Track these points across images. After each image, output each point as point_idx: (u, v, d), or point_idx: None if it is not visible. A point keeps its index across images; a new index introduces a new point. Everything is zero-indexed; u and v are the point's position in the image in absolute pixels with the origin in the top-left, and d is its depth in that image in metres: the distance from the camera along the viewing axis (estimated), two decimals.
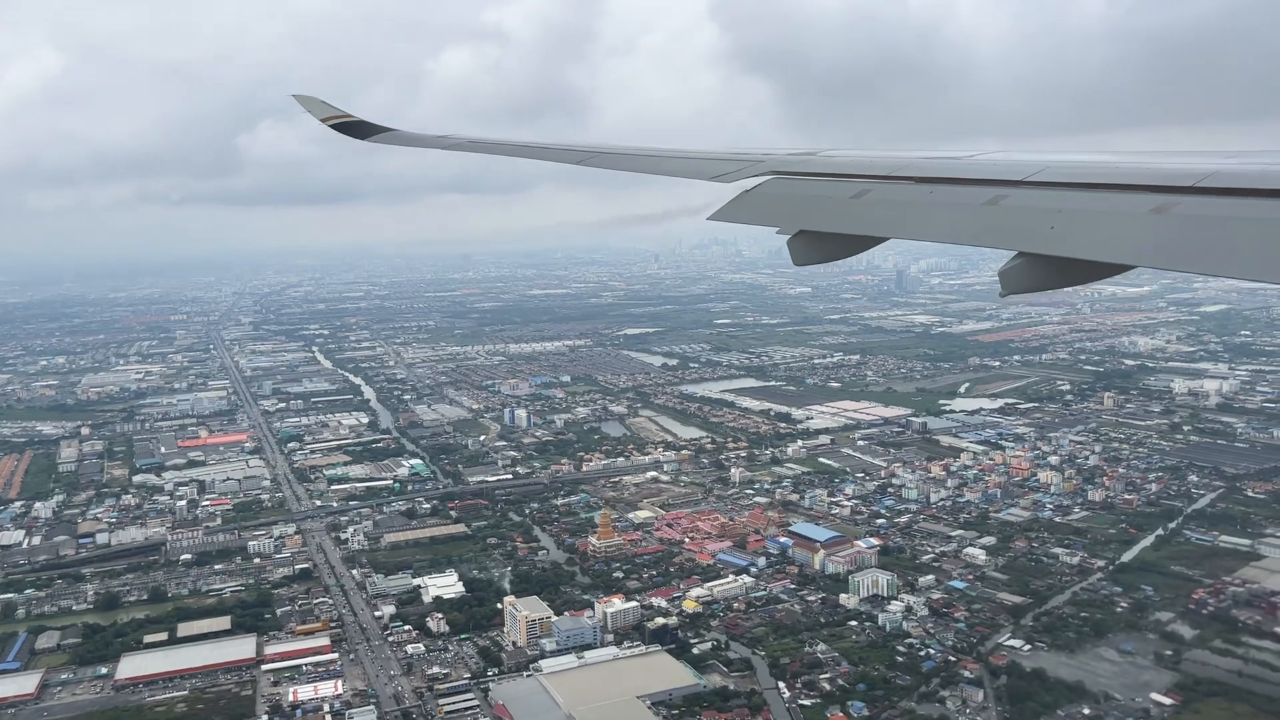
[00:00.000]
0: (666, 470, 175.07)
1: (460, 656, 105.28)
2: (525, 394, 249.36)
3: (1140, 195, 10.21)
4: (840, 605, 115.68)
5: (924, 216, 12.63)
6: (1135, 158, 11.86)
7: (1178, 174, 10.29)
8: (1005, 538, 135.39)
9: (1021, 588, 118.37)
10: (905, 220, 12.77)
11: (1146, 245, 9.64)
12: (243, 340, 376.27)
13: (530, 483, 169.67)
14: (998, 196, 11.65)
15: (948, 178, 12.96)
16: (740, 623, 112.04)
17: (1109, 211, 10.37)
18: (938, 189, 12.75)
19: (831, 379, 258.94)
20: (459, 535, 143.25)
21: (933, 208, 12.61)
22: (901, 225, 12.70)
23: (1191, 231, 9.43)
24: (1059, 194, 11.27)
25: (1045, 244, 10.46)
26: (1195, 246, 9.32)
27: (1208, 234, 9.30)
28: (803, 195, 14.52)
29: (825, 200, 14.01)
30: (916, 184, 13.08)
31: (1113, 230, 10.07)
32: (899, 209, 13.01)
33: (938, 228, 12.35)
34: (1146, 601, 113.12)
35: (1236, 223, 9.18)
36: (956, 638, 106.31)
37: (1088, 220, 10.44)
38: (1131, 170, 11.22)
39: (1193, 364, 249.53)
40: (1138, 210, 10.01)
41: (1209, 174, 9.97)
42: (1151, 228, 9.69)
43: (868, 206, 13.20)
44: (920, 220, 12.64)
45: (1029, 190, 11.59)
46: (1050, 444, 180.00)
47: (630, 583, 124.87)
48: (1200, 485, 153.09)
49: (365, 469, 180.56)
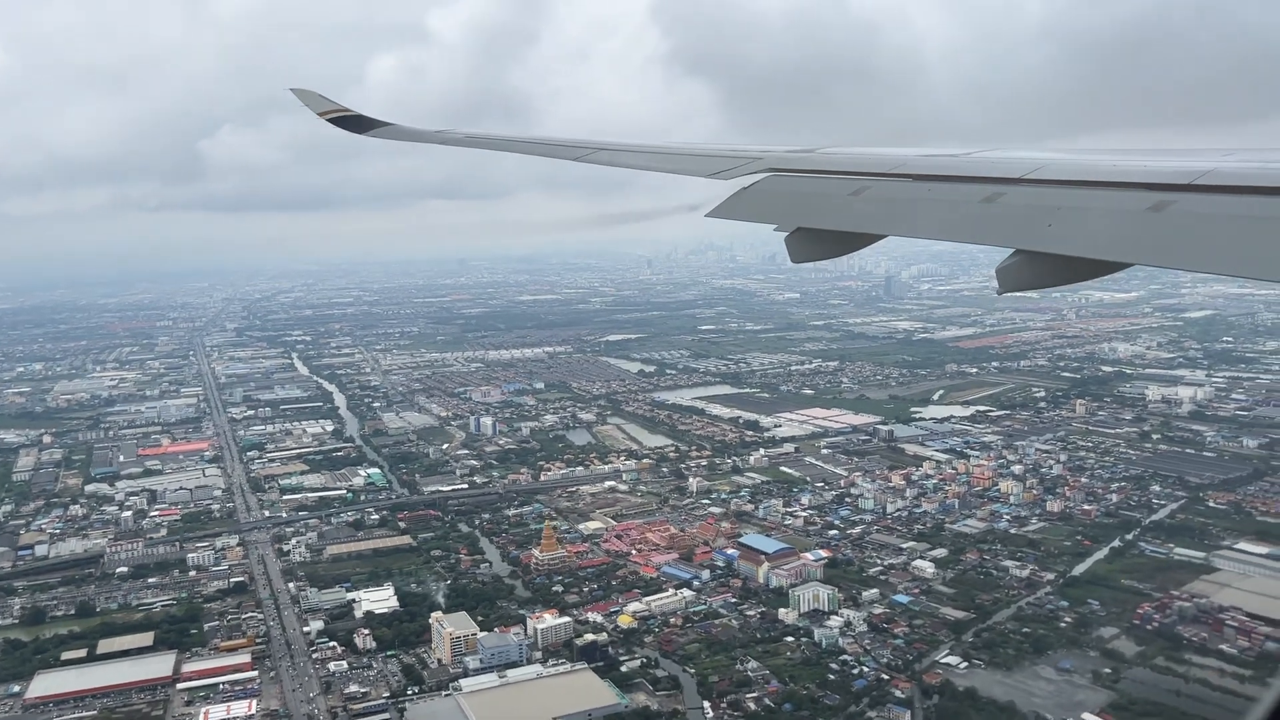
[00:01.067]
0: (625, 479, 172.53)
1: (384, 674, 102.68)
2: (497, 401, 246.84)
3: (1137, 193, 10.15)
4: (779, 620, 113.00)
5: (921, 214, 12.58)
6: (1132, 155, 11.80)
7: (1175, 172, 10.23)
8: (957, 550, 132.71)
9: (967, 602, 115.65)
10: (903, 217, 12.73)
11: (1144, 243, 9.60)
12: (224, 346, 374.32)
13: (485, 493, 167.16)
14: (995, 194, 11.59)
15: (945, 175, 12.91)
16: (675, 639, 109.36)
17: (1106, 209, 10.40)
18: (935, 186, 12.70)
19: (806, 386, 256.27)
20: (403, 547, 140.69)
21: (930, 205, 12.54)
22: (899, 223, 12.67)
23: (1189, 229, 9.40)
24: (1056, 192, 11.19)
25: (1043, 241, 10.44)
26: (1193, 244, 9.32)
27: (1205, 232, 9.29)
28: (800, 192, 14.50)
29: (823, 197, 14.03)
30: (914, 181, 13.02)
31: (1110, 228, 10.10)
32: (897, 206, 12.99)
33: (935, 225, 12.40)
34: (1091, 617, 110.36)
35: (1234, 220, 9.16)
36: (893, 655, 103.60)
37: (1085, 218, 10.46)
38: (1129, 168, 11.15)
39: (1171, 371, 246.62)
40: (1135, 208, 9.96)
41: (1206, 172, 9.90)
42: (1149, 226, 9.64)
43: (865, 204, 13.18)
44: (918, 217, 12.59)
45: (1027, 188, 11.53)
46: (1016, 453, 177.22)
47: (570, 597, 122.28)
48: (1162, 495, 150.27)
49: (321, 478, 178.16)
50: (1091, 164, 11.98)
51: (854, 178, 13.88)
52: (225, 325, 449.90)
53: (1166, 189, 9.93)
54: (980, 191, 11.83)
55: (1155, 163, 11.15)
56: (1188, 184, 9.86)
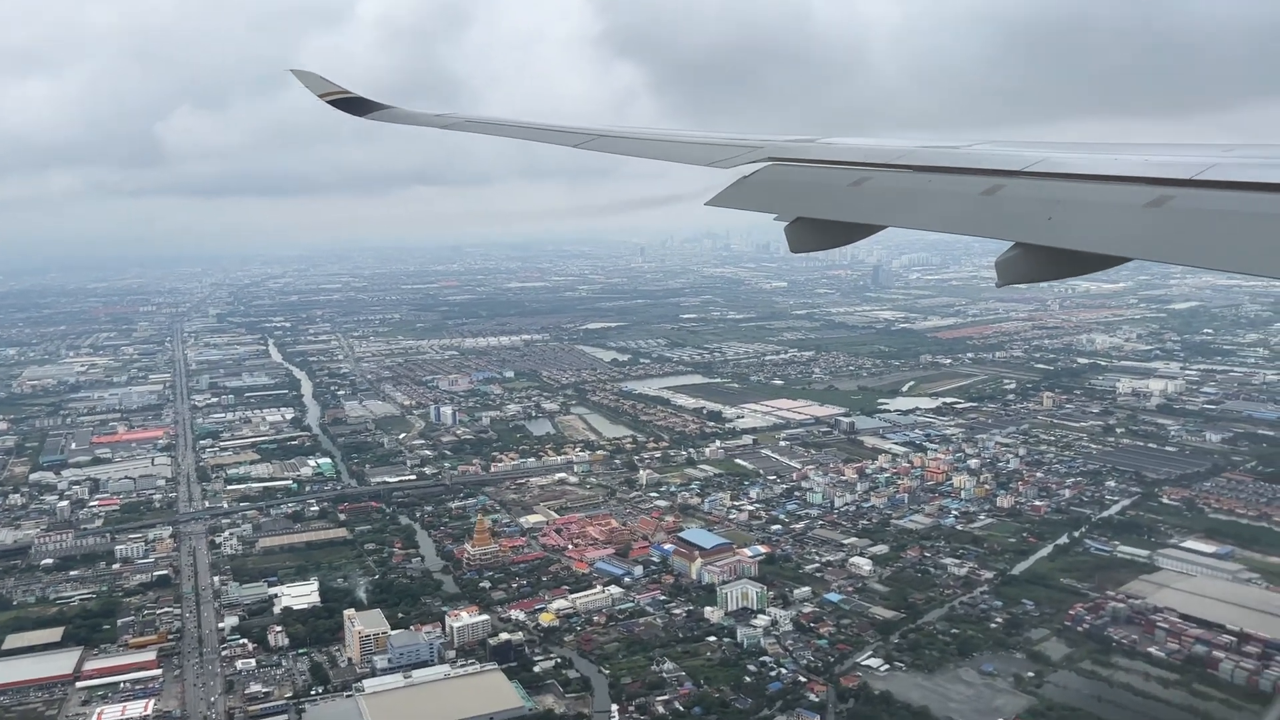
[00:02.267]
0: (577, 471, 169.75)
1: (291, 673, 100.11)
2: (463, 390, 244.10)
3: (1138, 188, 10.13)
4: (704, 619, 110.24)
5: (921, 205, 12.46)
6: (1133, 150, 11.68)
7: (1175, 166, 10.20)
8: (899, 546, 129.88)
9: (899, 601, 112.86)
10: (903, 209, 12.63)
11: (1143, 238, 9.59)
12: (202, 332, 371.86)
13: (432, 484, 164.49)
14: (995, 186, 11.51)
15: (946, 167, 12.81)
16: (596, 638, 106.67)
17: (1106, 203, 10.37)
18: (936, 178, 12.62)
19: (777, 376, 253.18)
20: (338, 540, 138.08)
21: (930, 197, 12.45)
22: (899, 214, 12.57)
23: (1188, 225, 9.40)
24: (1056, 185, 11.09)
25: (1042, 235, 10.38)
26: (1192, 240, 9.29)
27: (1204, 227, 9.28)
28: (801, 182, 14.44)
29: (823, 187, 13.96)
30: (915, 173, 12.96)
31: (1110, 222, 10.07)
32: (897, 197, 12.89)
33: (935, 217, 12.21)
34: (1023, 617, 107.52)
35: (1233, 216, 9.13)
36: (815, 656, 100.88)
37: (1085, 212, 10.39)
38: (1129, 162, 11.04)
39: (1146, 363, 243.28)
40: (1135, 203, 9.91)
41: (1207, 167, 9.88)
42: (1148, 220, 9.63)
43: (865, 195, 13.10)
44: (917, 209, 12.46)
45: (1027, 181, 11.44)
46: (975, 446, 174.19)
47: (497, 593, 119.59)
48: (1116, 491, 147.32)
49: (270, 468, 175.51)
50: (1091, 158, 11.78)
51: (854, 168, 13.83)
52: (208, 311, 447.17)
53: (1167, 184, 9.88)
54: (980, 184, 11.76)
55: (1155, 157, 11.00)
56: (1188, 179, 9.81)
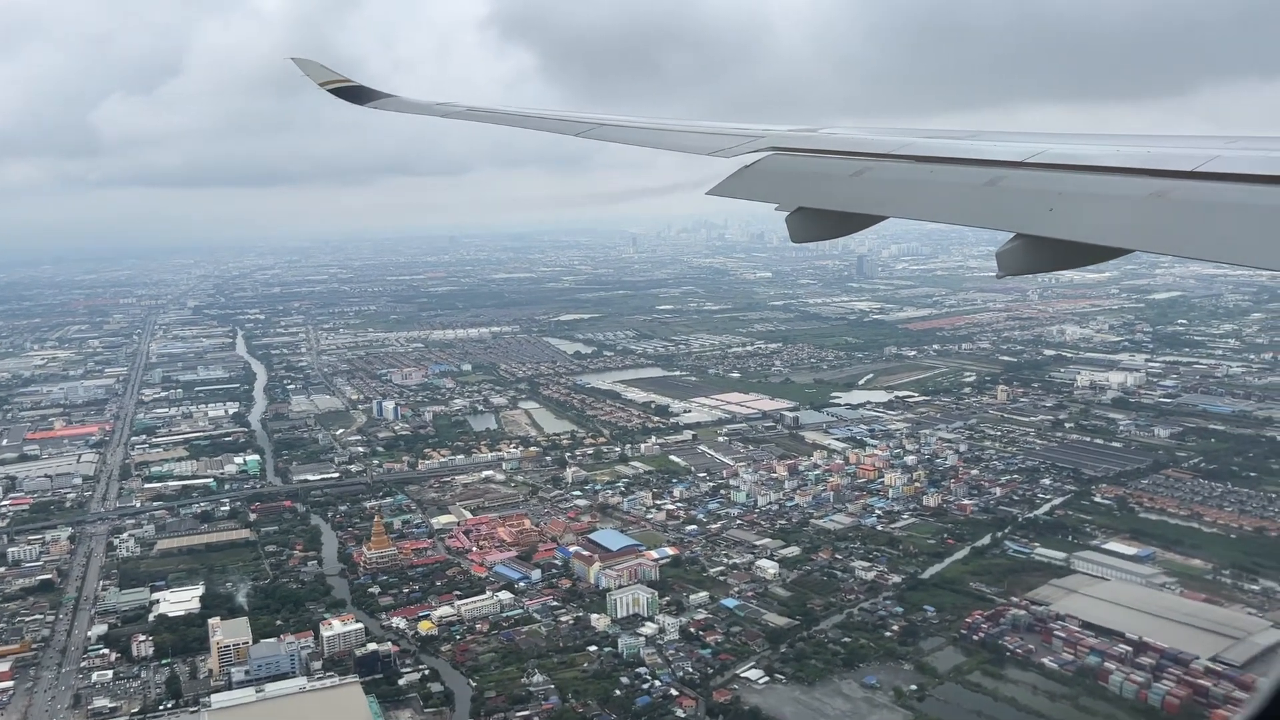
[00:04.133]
0: (505, 469, 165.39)
1: (147, 686, 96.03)
2: (416, 383, 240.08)
3: (1140, 179, 10.07)
4: (590, 627, 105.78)
5: (923, 196, 12.42)
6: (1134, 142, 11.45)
7: (1178, 158, 10.13)
8: (812, 548, 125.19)
9: (797, 607, 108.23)
10: (904, 200, 12.60)
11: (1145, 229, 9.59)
12: (174, 325, 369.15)
13: (354, 482, 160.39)
14: (997, 177, 11.46)
15: (948, 157, 12.65)
16: (474, 647, 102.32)
17: (1108, 195, 10.30)
18: (937, 169, 12.47)
19: (737, 369, 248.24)
20: (240, 542, 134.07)
21: (932, 187, 12.37)
22: (900, 204, 12.54)
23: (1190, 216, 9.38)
24: (1058, 176, 11.00)
25: (1044, 226, 10.36)
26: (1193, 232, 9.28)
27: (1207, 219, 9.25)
28: (801, 172, 14.32)
29: (824, 177, 13.86)
30: (916, 163, 12.83)
31: (1111, 214, 10.08)
32: (898, 188, 12.82)
33: (936, 208, 12.31)
34: (921, 625, 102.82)
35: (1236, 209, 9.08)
36: (695, 667, 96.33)
37: (1087, 203, 10.37)
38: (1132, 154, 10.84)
39: (1113, 355, 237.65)
40: (1137, 194, 9.88)
41: (1209, 159, 9.81)
42: (1151, 212, 9.59)
43: (867, 185, 13.02)
44: (919, 200, 12.44)
45: (1028, 172, 11.39)
46: (917, 442, 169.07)
47: (385, 599, 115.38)
48: (1050, 489, 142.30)
49: (196, 465, 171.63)
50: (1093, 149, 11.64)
51: (855, 158, 13.74)
52: (187, 303, 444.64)
53: (1169, 175, 9.81)
54: (982, 175, 11.70)
55: (1157, 149, 10.80)
56: (1190, 171, 9.73)
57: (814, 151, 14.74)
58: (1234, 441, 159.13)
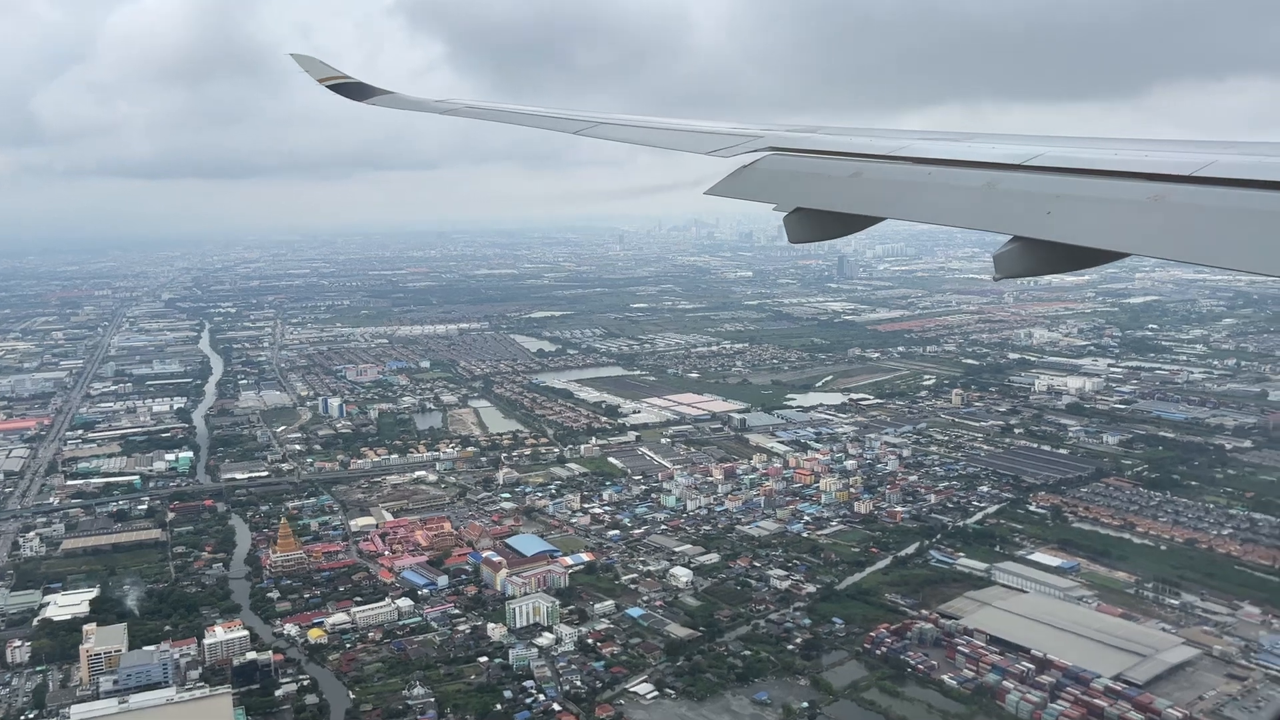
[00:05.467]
0: (439, 469, 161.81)
1: (15, 694, 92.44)
2: (369, 380, 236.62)
3: (1137, 183, 10.00)
4: (486, 637, 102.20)
5: (920, 198, 12.34)
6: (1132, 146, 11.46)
7: (1175, 163, 10.04)
8: (732, 555, 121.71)
9: (704, 618, 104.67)
10: (901, 201, 12.54)
11: (1142, 233, 9.54)
12: (143, 317, 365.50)
13: (282, 481, 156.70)
14: (995, 180, 11.44)
15: (945, 160, 12.63)
16: (361, 656, 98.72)
17: (1105, 199, 10.26)
18: (935, 171, 12.47)
19: (697, 369, 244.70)
20: (149, 542, 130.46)
21: (929, 189, 12.33)
22: (897, 206, 12.50)
23: (1187, 221, 9.30)
24: (1056, 179, 10.92)
25: (1041, 229, 10.28)
26: (1190, 236, 9.21)
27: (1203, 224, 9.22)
28: (800, 172, 14.30)
29: (822, 178, 13.82)
30: (914, 165, 12.88)
31: (1109, 217, 10.03)
32: (895, 190, 12.82)
33: (934, 210, 12.17)
34: (826, 638, 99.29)
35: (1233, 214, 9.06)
36: (585, 681, 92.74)
37: (1084, 207, 10.31)
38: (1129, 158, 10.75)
39: (1076, 359, 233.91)
40: (1134, 198, 9.84)
41: (1207, 164, 9.71)
42: (1147, 216, 9.56)
43: (864, 186, 13.09)
44: (916, 202, 12.35)
45: (1026, 175, 11.33)
46: (861, 446, 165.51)
47: (283, 604, 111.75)
48: (986, 497, 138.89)
49: (126, 462, 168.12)
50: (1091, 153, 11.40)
51: (854, 159, 13.72)
52: (161, 296, 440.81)
53: (1166, 180, 9.78)
54: (980, 177, 11.68)
55: (1155, 154, 10.75)
56: (1187, 176, 9.68)
57: (812, 152, 14.69)
58: (1181, 449, 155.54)
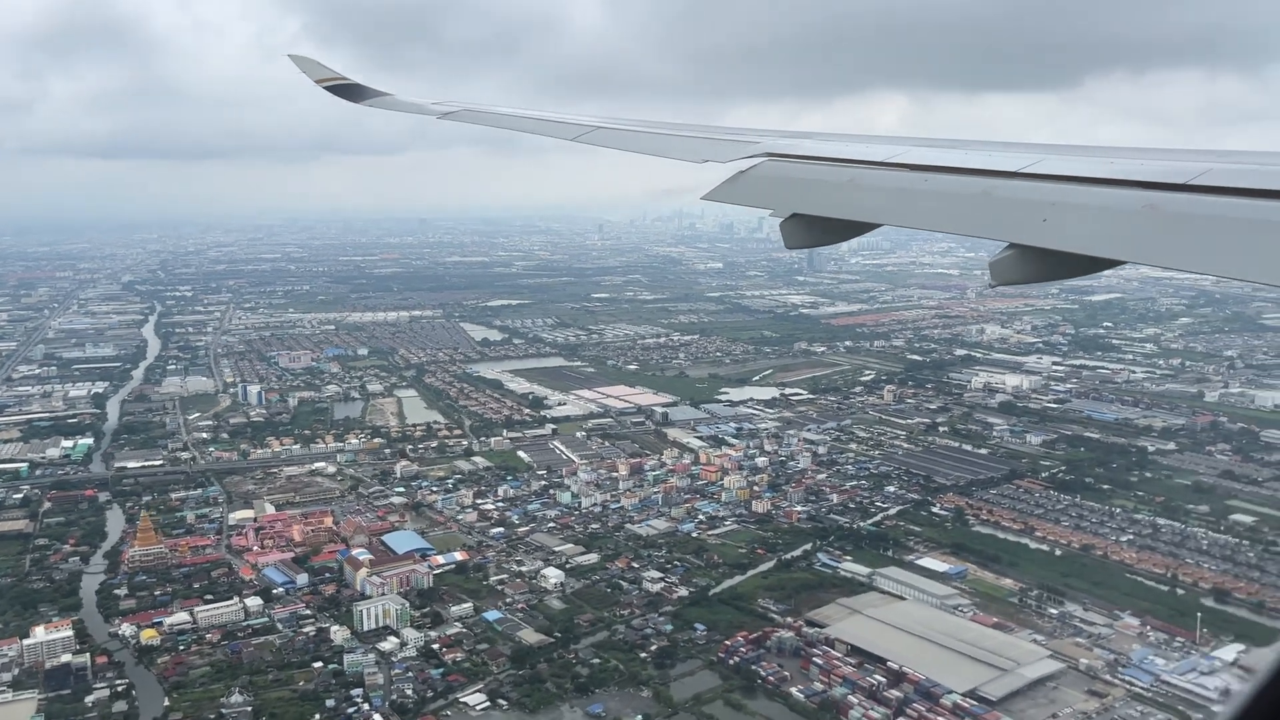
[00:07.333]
0: (340, 461, 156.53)
1: None
2: (301, 367, 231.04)
3: (1133, 191, 9.88)
4: (329, 640, 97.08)
5: (916, 204, 12.16)
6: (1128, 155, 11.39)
7: (1171, 171, 9.90)
8: (612, 556, 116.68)
9: (563, 623, 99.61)
10: (897, 208, 12.44)
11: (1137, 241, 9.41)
12: (96, 299, 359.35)
13: (173, 471, 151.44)
14: (991, 187, 11.30)
15: (942, 166, 12.43)
16: (191, 659, 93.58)
17: (1101, 206, 10.23)
18: (931, 177, 12.24)
19: (638, 361, 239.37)
20: (12, 534, 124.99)
21: (925, 196, 12.09)
22: (894, 212, 12.42)
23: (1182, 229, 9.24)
24: (1052, 187, 10.81)
25: (1036, 236, 10.19)
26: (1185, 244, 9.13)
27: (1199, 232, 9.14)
28: (796, 178, 13.97)
29: (818, 184, 13.54)
30: (910, 171, 12.60)
31: (1104, 225, 9.97)
32: (892, 196, 12.54)
33: (929, 216, 12.03)
34: (684, 646, 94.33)
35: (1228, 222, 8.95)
36: (417, 689, 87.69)
37: (1080, 214, 10.28)
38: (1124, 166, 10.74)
39: (1023, 357, 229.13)
40: (1130, 206, 9.72)
41: (1202, 172, 9.61)
42: (1143, 224, 9.44)
43: (860, 192, 12.78)
44: (912, 208, 12.22)
45: (1022, 182, 11.19)
46: (778, 442, 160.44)
47: (129, 601, 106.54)
48: (891, 497, 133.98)
49: (20, 449, 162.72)
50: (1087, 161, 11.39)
51: (850, 166, 13.47)
52: (121, 278, 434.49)
53: (1162, 188, 9.67)
54: (976, 184, 11.46)
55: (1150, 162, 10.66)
56: (1183, 184, 9.55)
57: (809, 158, 14.43)
58: (1102, 450, 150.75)
